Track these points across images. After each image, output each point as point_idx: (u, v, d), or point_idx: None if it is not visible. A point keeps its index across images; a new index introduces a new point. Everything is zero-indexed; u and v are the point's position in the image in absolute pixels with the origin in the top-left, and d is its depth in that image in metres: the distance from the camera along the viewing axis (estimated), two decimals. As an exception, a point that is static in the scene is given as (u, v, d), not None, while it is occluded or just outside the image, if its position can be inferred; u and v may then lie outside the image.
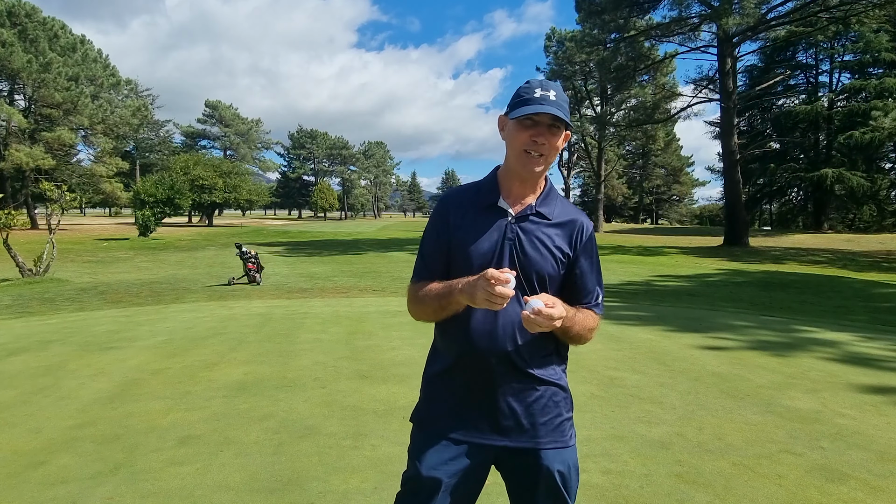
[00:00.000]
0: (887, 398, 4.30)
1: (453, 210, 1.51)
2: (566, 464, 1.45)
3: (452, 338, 1.46)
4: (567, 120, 1.40)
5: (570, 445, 1.48)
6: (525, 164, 1.43)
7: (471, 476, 1.44)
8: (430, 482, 1.41)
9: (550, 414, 1.46)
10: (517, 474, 1.47)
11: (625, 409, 3.95)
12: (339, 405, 3.97)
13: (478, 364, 1.42)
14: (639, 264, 21.12)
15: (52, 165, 31.76)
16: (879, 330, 7.97)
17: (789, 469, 2.97)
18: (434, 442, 1.45)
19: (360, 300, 10.27)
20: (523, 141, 1.41)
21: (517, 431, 1.43)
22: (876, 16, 26.00)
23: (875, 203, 39.51)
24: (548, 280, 1.45)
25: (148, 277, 15.75)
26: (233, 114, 69.71)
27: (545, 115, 1.38)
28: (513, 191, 1.49)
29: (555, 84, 1.44)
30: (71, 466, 2.97)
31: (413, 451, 1.49)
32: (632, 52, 32.09)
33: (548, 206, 1.49)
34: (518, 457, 1.44)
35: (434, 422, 1.48)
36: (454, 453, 1.43)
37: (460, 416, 1.45)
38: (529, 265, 1.43)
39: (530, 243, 1.44)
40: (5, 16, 31.01)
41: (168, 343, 6.19)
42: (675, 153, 68.46)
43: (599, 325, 1.55)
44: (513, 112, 1.42)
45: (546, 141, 1.40)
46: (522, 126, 1.40)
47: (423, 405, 1.53)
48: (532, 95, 1.40)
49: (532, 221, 1.47)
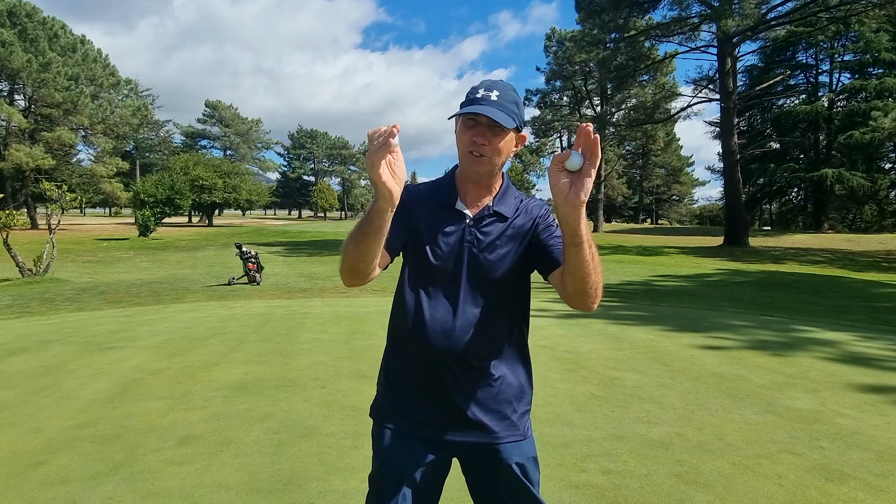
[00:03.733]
0: (887, 398, 4.30)
1: (418, 206, 1.48)
2: (525, 455, 1.47)
3: (408, 337, 1.45)
4: (502, 122, 1.34)
5: (528, 437, 1.49)
6: (470, 165, 1.42)
7: (432, 472, 1.46)
8: (393, 479, 1.43)
9: (507, 409, 1.46)
10: (477, 469, 1.48)
11: (625, 409, 3.94)
12: (339, 405, 3.98)
13: (434, 362, 1.42)
14: (638, 264, 21.12)
15: (52, 165, 31.77)
16: (879, 330, 7.97)
17: (789, 469, 2.97)
18: (394, 439, 1.46)
19: (360, 300, 10.27)
20: (466, 141, 1.39)
21: (475, 428, 1.44)
22: (876, 16, 26.00)
23: (875, 203, 39.53)
24: (508, 281, 1.45)
25: (148, 277, 15.75)
26: (233, 114, 69.71)
27: (484, 115, 1.35)
28: (469, 192, 1.48)
29: (503, 84, 1.42)
30: (71, 466, 2.97)
31: (374, 447, 1.49)
32: (632, 52, 32.07)
33: (504, 205, 1.48)
34: (477, 452, 1.46)
35: (392, 418, 1.48)
36: (415, 450, 1.44)
37: (418, 413, 1.45)
38: (488, 267, 1.43)
39: (488, 245, 1.44)
40: (5, 16, 31.01)
41: (168, 343, 6.19)
42: (675, 153, 68.40)
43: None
44: (458, 111, 1.40)
45: (487, 141, 1.38)
46: (466, 126, 1.40)
47: (381, 402, 1.52)
48: (475, 95, 1.39)
49: (489, 222, 1.46)
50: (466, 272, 1.44)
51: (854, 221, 43.31)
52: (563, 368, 5.08)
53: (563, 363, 5.27)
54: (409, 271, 1.49)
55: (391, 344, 1.55)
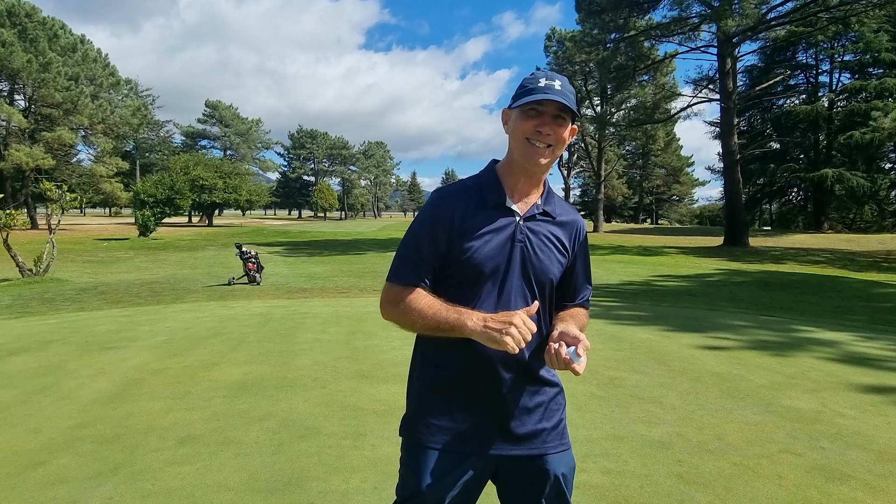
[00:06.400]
0: (887, 398, 4.30)
1: (457, 210, 1.39)
2: (568, 466, 1.44)
3: (454, 348, 1.36)
4: (574, 109, 1.34)
5: (570, 447, 1.47)
6: (530, 156, 1.36)
7: (473, 487, 1.40)
8: (432, 499, 1.35)
9: (555, 418, 1.44)
10: (521, 482, 1.41)
11: (625, 409, 3.94)
12: (339, 405, 3.97)
13: (484, 373, 1.36)
14: (639, 264, 21.12)
15: (52, 165, 31.75)
16: (879, 330, 7.97)
17: (789, 469, 2.97)
18: (434, 456, 1.37)
19: (360, 300, 10.26)
20: (527, 130, 1.34)
21: (526, 439, 1.39)
22: (876, 16, 26.03)
23: (875, 203, 39.51)
24: (554, 282, 1.44)
25: (148, 277, 15.75)
26: (233, 114, 69.72)
27: (550, 104, 1.33)
28: (517, 188, 1.42)
29: (560, 75, 1.39)
30: (71, 466, 2.97)
31: (411, 466, 1.39)
32: (632, 52, 32.09)
33: (550, 205, 1.46)
34: (524, 464, 1.40)
35: (432, 435, 1.39)
36: (457, 467, 1.37)
37: (462, 427, 1.38)
38: (540, 267, 1.40)
39: (539, 245, 1.41)
40: (5, 16, 31.01)
41: (168, 343, 6.19)
42: (675, 153, 68.41)
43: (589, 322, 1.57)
44: (517, 101, 1.36)
45: (552, 131, 1.34)
46: (527, 116, 1.35)
47: (416, 417, 1.43)
48: (537, 85, 1.34)
49: (539, 221, 1.42)
50: (519, 272, 1.39)
51: (854, 221, 43.30)
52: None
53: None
54: (453, 274, 1.40)
55: (428, 353, 1.44)
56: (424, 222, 1.41)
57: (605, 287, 13.17)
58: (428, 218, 1.41)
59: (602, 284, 13.72)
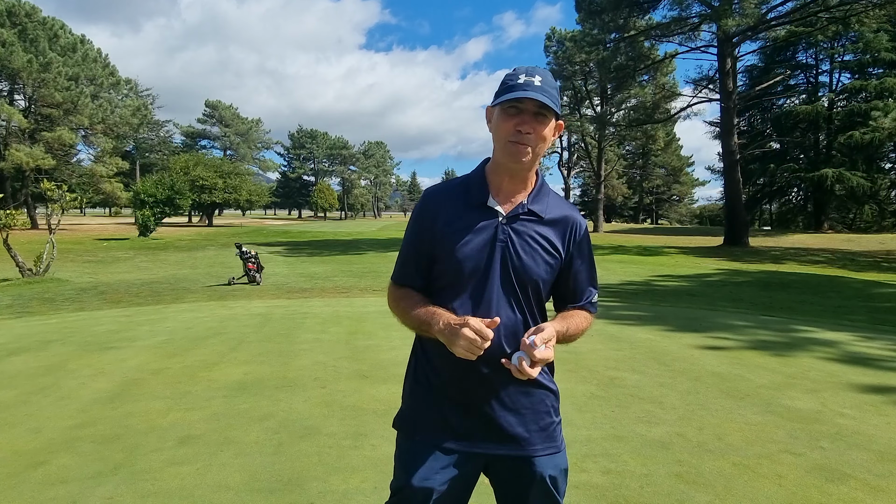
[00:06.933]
0: (887, 398, 4.30)
1: (442, 210, 1.41)
2: (558, 468, 1.43)
3: (438, 343, 1.37)
4: (553, 106, 1.31)
5: (562, 450, 1.46)
6: (511, 155, 1.34)
7: (461, 484, 1.41)
8: (421, 492, 1.37)
9: (544, 421, 1.43)
10: (509, 481, 1.43)
11: (625, 409, 3.94)
12: (339, 405, 3.97)
13: (473, 373, 1.36)
14: (639, 264, 21.11)
15: (52, 165, 31.76)
16: (879, 330, 7.97)
17: (789, 469, 2.97)
18: (424, 451, 1.40)
19: (360, 300, 10.26)
20: (508, 130, 1.33)
21: (512, 440, 1.40)
22: (876, 16, 26.01)
23: (875, 203, 39.50)
24: (540, 284, 1.40)
25: (148, 277, 15.75)
26: (233, 114, 69.74)
27: (530, 102, 1.30)
28: (502, 187, 1.41)
29: (542, 70, 1.36)
30: (71, 466, 2.97)
31: (402, 460, 1.43)
32: (632, 52, 32.10)
33: (540, 203, 1.42)
34: (511, 464, 1.41)
35: (423, 430, 1.42)
36: (445, 462, 1.38)
37: (451, 424, 1.40)
38: (522, 268, 1.37)
39: (523, 245, 1.38)
40: (5, 16, 31.02)
41: (168, 343, 6.19)
42: (675, 153, 68.45)
43: (592, 324, 1.53)
44: (497, 99, 1.34)
45: (532, 129, 1.32)
46: (507, 115, 1.33)
47: (409, 413, 1.47)
48: (517, 82, 1.32)
49: (524, 221, 1.39)
50: (500, 273, 1.37)
51: (854, 221, 43.26)
52: (563, 368, 5.07)
53: (562, 363, 5.26)
54: (438, 275, 1.43)
55: (420, 352, 1.49)
56: (413, 221, 1.48)
57: (605, 287, 13.17)
58: (415, 218, 1.47)
59: (602, 284, 13.71)
